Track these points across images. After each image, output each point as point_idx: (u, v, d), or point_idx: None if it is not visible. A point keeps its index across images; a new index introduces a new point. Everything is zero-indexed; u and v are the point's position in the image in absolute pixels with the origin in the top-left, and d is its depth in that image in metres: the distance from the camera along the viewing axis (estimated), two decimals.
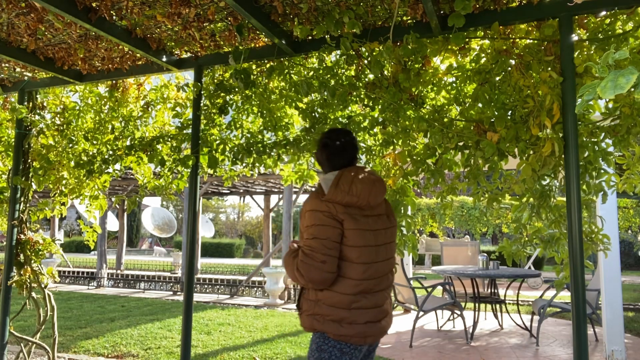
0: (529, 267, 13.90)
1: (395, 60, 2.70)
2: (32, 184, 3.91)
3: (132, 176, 11.58)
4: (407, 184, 2.85)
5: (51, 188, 3.94)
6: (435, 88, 2.80)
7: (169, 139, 3.49)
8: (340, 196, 1.99)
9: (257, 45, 3.14)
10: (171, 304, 9.16)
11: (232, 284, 10.64)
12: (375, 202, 2.05)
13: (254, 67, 3.27)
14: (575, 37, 2.38)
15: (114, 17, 2.82)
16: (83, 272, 12.90)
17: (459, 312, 6.06)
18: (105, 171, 3.74)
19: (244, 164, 3.35)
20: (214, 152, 3.35)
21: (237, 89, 3.25)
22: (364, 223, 2.01)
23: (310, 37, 2.96)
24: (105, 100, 3.80)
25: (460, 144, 2.61)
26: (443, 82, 2.80)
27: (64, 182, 3.91)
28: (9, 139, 4.20)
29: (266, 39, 3.06)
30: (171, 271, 15.07)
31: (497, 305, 7.02)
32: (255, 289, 10.33)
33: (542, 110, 2.31)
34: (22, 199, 3.91)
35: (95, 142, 3.80)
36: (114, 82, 3.76)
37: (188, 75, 3.59)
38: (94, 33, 3.02)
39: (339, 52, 2.87)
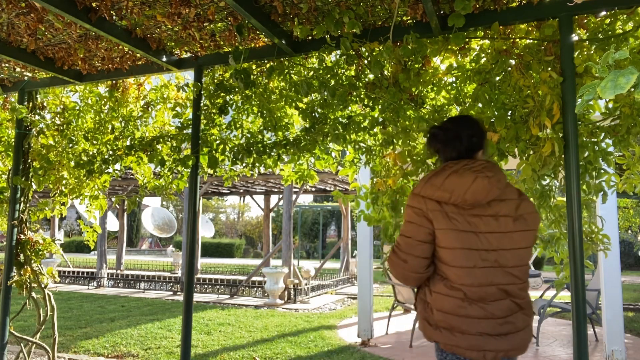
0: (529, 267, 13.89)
1: (395, 60, 2.70)
2: (32, 184, 3.91)
3: (132, 176, 11.57)
4: (407, 184, 2.85)
5: (51, 188, 3.94)
6: (435, 88, 2.80)
7: (169, 139, 3.49)
8: (430, 190, 1.82)
9: (257, 45, 3.13)
10: (171, 304, 9.16)
11: (232, 284, 10.63)
12: (476, 200, 1.78)
13: (254, 67, 3.27)
14: (575, 37, 2.38)
15: (114, 17, 2.82)
16: (83, 272, 12.90)
17: None
18: (105, 171, 3.74)
19: (244, 164, 3.34)
20: (214, 152, 3.34)
21: (237, 89, 3.25)
22: (465, 223, 1.78)
23: (310, 37, 2.96)
24: (105, 100, 3.80)
25: None
26: (443, 82, 2.79)
27: (64, 182, 3.91)
28: (9, 139, 4.20)
29: (266, 39, 3.06)
30: (171, 271, 15.07)
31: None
32: (255, 289, 10.33)
33: (542, 110, 2.31)
34: (22, 199, 3.91)
35: (95, 142, 3.80)
36: (114, 82, 3.76)
37: (188, 75, 3.59)
38: (94, 33, 3.02)
39: (339, 52, 2.87)
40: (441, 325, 1.80)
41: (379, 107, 2.84)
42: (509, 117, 2.47)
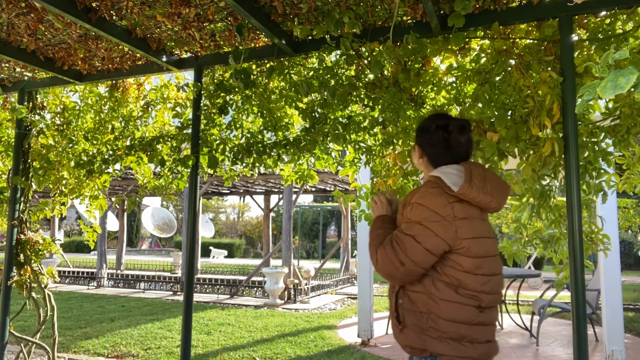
0: (529, 267, 13.90)
1: (395, 60, 2.70)
2: (32, 184, 3.91)
3: (132, 176, 11.57)
4: (407, 184, 2.85)
5: (51, 188, 3.94)
6: (435, 88, 2.80)
7: (169, 139, 3.49)
8: (474, 193, 1.66)
9: (257, 45, 3.13)
10: (171, 304, 9.16)
11: (232, 284, 10.63)
12: (501, 205, 1.75)
13: (254, 67, 3.27)
14: (575, 37, 2.38)
15: (114, 17, 2.82)
16: (83, 272, 12.90)
17: None
18: (105, 171, 3.74)
19: (244, 164, 3.34)
20: (214, 152, 3.34)
21: (237, 89, 3.25)
22: (482, 228, 1.71)
23: (310, 37, 2.95)
24: (105, 100, 3.80)
25: None
26: (443, 82, 2.79)
27: (64, 182, 3.91)
28: (9, 139, 4.20)
29: (266, 39, 3.06)
30: (171, 271, 15.07)
31: (497, 305, 7.00)
32: (255, 289, 10.33)
33: (542, 110, 2.31)
34: (22, 199, 3.91)
35: (95, 142, 3.80)
36: (114, 82, 3.76)
37: (188, 75, 3.59)
38: (94, 33, 3.02)
39: (339, 52, 2.87)
40: (449, 337, 1.62)
41: (379, 107, 2.84)
42: (509, 117, 2.46)
